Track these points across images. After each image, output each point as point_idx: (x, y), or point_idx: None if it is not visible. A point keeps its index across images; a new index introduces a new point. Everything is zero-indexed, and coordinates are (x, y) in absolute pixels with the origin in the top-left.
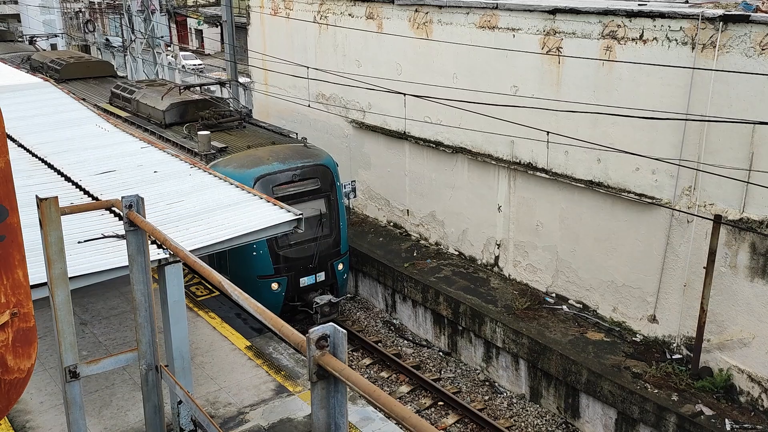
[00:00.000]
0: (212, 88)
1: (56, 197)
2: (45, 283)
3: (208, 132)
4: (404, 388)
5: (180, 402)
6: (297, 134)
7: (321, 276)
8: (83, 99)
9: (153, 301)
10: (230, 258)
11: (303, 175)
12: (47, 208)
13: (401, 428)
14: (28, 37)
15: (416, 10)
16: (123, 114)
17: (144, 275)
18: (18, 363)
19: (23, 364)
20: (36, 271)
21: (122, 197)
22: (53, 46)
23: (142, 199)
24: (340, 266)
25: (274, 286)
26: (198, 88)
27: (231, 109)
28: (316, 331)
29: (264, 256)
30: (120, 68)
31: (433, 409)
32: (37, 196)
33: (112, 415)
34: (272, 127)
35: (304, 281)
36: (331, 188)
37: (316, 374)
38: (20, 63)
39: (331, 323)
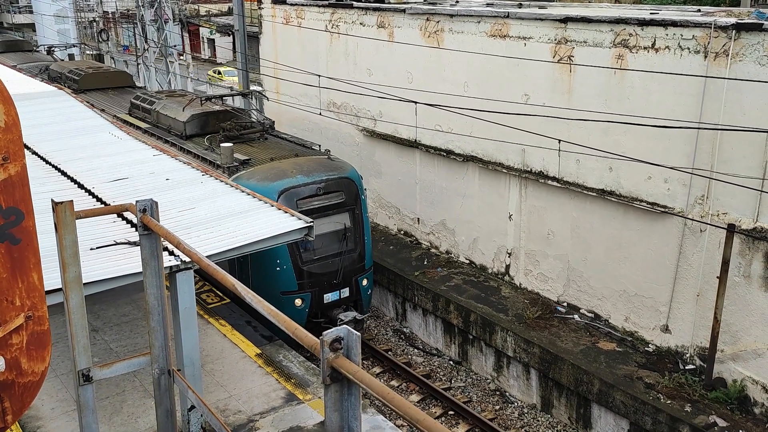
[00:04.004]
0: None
1: (71, 201)
2: (59, 289)
3: (230, 144)
4: (414, 397)
5: (191, 408)
6: (320, 146)
7: (345, 292)
8: (102, 110)
9: (166, 305)
10: (253, 273)
11: (327, 189)
12: (63, 211)
13: None
14: (46, 47)
15: (427, 19)
16: (143, 125)
17: (157, 279)
18: (32, 366)
19: (37, 367)
20: (49, 277)
21: (137, 201)
22: (71, 57)
23: (156, 203)
24: (365, 282)
25: (298, 302)
26: (219, 99)
27: (253, 120)
28: (329, 333)
29: (288, 271)
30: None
31: (443, 419)
32: (52, 200)
33: (123, 421)
34: (294, 138)
35: (328, 297)
36: (355, 202)
37: (329, 377)
38: (38, 73)
39: (344, 326)
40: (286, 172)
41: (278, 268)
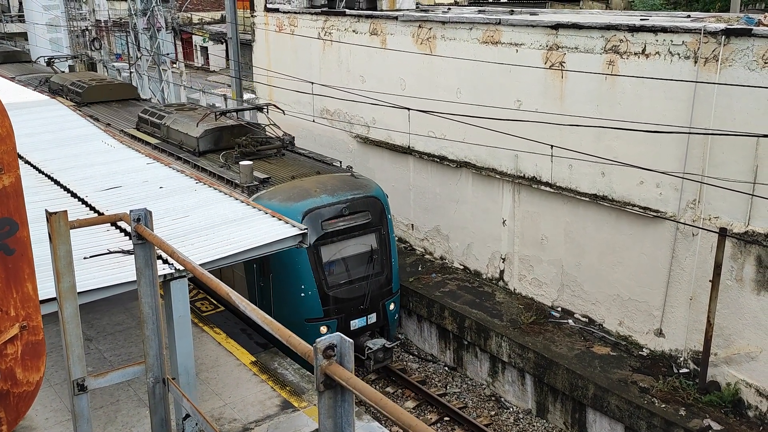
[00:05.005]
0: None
1: (65, 211)
2: (53, 299)
3: (250, 162)
4: (410, 404)
5: (185, 417)
6: (341, 162)
7: (372, 318)
8: (108, 124)
9: (161, 313)
10: (275, 299)
11: (353, 209)
12: (57, 221)
13: None
14: (45, 58)
15: (420, 26)
16: (152, 140)
17: (152, 288)
18: (27, 376)
19: (32, 377)
20: (43, 287)
21: (131, 211)
22: (71, 68)
23: (150, 212)
24: (392, 306)
25: (323, 329)
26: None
27: (269, 135)
28: (323, 340)
29: (312, 297)
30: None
31: (439, 425)
32: (46, 210)
33: (118, 431)
34: (313, 154)
35: (355, 324)
36: (381, 222)
37: (323, 383)
38: (38, 85)
39: (337, 333)
40: (310, 191)
41: (302, 294)
